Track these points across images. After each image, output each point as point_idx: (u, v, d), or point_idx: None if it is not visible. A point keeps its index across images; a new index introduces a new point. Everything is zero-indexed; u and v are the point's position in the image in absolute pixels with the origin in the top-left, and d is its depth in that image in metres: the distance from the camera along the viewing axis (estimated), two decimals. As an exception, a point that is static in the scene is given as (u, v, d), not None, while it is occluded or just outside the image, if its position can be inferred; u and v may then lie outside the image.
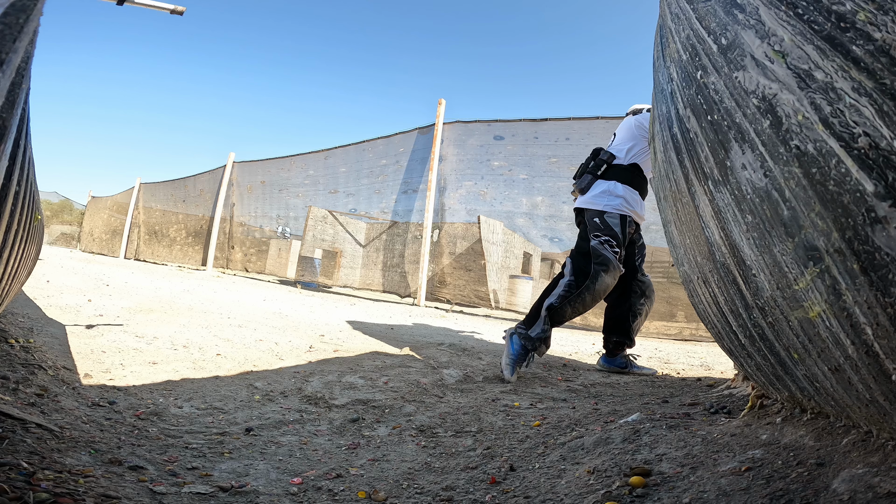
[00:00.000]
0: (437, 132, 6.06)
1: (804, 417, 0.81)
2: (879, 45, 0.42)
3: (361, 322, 3.90)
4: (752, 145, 0.61)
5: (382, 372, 1.96)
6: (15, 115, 0.56)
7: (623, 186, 2.10)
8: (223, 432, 1.20)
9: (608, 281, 1.98)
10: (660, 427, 1.00)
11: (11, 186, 0.77)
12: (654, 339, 3.97)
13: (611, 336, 2.23)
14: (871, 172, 0.43)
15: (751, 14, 0.60)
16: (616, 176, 2.12)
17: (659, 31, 1.15)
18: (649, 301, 2.26)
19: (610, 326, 2.24)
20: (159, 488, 0.80)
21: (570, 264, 2.05)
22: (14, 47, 0.47)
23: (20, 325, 1.96)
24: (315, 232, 7.67)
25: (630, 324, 2.20)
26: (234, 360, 2.05)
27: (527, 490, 0.85)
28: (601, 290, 1.98)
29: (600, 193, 2.11)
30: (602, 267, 1.97)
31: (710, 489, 0.68)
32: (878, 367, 0.51)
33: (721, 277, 0.86)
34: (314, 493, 0.88)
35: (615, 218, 2.05)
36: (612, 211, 2.06)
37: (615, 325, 2.22)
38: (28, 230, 1.32)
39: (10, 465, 0.70)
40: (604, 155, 2.18)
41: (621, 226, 2.04)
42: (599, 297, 2.00)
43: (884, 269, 0.44)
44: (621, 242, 2.03)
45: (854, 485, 0.55)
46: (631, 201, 2.10)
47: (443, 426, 1.35)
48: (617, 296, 2.21)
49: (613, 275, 1.98)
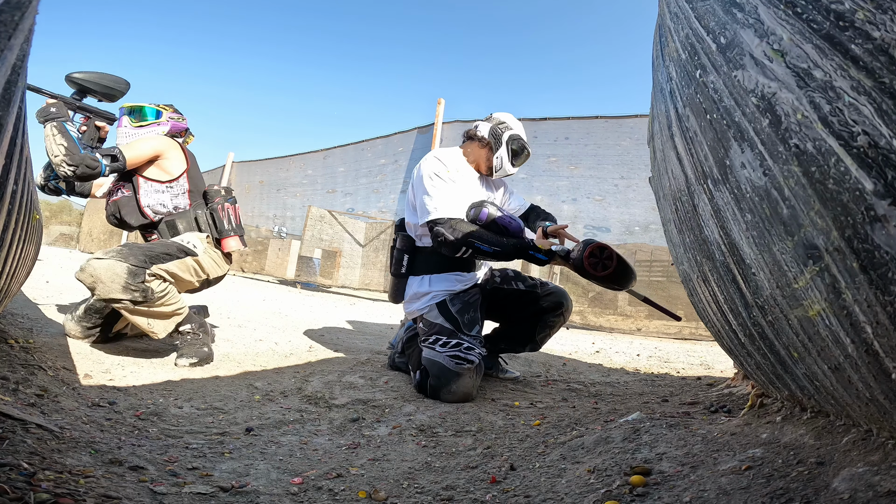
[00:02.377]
0: (436, 131, 6.06)
1: (804, 416, 0.81)
2: (878, 43, 0.42)
3: (361, 322, 3.90)
4: (751, 144, 0.61)
5: (382, 372, 1.96)
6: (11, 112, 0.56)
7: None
8: (223, 432, 1.20)
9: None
10: (660, 426, 1.00)
11: (9, 185, 0.77)
12: (654, 339, 3.98)
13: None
14: (870, 171, 0.43)
15: (750, 13, 0.60)
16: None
17: (658, 31, 1.15)
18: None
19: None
20: (160, 488, 0.80)
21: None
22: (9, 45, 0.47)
23: (20, 326, 1.96)
24: (314, 231, 7.66)
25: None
26: (233, 360, 2.05)
27: (527, 489, 0.85)
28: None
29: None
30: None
31: (711, 488, 0.68)
32: (877, 366, 0.51)
33: (720, 276, 0.86)
34: (315, 492, 0.88)
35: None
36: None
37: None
38: (26, 230, 1.32)
39: (10, 466, 0.70)
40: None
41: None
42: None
43: (883, 267, 0.44)
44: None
45: (854, 483, 0.55)
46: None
47: (443, 426, 1.35)
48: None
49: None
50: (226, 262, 2.12)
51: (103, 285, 1.64)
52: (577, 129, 5.29)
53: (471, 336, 1.70)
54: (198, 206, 2.09)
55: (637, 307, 5.44)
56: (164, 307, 1.80)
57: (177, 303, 1.86)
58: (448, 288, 1.82)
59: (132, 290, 1.68)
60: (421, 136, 6.43)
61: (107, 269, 1.65)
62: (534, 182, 5.49)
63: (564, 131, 5.37)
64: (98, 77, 1.89)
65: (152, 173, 2.00)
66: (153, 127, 2.07)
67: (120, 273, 1.65)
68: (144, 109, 2.07)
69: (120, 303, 1.68)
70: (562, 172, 5.31)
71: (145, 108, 2.07)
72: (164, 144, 2.01)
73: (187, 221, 2.04)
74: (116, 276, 1.65)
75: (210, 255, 2.02)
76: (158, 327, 1.81)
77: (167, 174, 2.02)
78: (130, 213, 1.99)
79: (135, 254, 1.73)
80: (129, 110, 2.06)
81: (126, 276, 1.66)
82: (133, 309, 1.71)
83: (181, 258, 1.88)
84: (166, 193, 2.02)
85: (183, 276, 1.89)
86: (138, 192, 1.98)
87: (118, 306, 1.69)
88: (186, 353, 1.87)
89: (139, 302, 1.70)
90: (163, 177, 2.02)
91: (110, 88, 1.91)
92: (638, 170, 4.83)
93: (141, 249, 1.77)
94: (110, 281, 1.64)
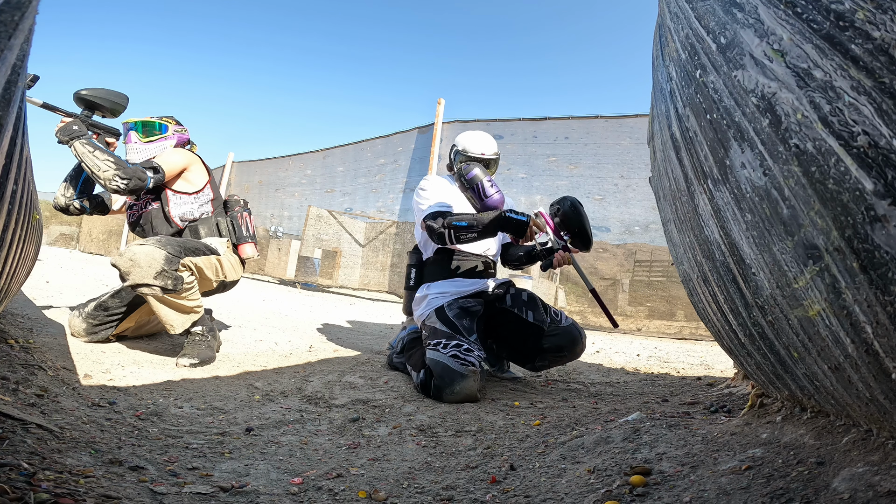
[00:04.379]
0: (436, 131, 6.06)
1: (804, 416, 0.81)
2: (878, 43, 0.42)
3: (361, 322, 3.90)
4: (751, 144, 0.61)
5: (382, 372, 1.96)
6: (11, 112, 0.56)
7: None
8: (223, 432, 1.20)
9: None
10: (660, 426, 1.00)
11: (8, 185, 0.77)
12: (654, 339, 3.98)
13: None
14: (870, 171, 0.43)
15: (750, 13, 0.60)
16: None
17: (658, 31, 1.15)
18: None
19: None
20: (160, 488, 0.80)
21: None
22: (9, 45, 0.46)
23: (20, 326, 1.96)
24: (314, 231, 7.65)
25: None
26: (233, 360, 2.05)
27: (527, 489, 0.85)
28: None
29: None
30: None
31: (711, 488, 0.68)
32: (877, 366, 0.51)
33: (720, 276, 0.86)
34: (314, 492, 0.88)
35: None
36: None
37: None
38: (26, 229, 1.32)
39: (10, 466, 0.70)
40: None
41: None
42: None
43: (883, 267, 0.44)
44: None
45: (854, 483, 0.55)
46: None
47: (443, 425, 1.35)
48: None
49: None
50: (240, 268, 2.19)
51: (140, 269, 1.70)
52: (576, 129, 5.29)
53: (469, 340, 1.71)
54: (219, 213, 2.19)
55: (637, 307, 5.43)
56: (187, 301, 1.85)
57: (198, 299, 1.92)
58: (444, 290, 1.89)
59: (166, 277, 1.74)
60: (421, 136, 6.43)
61: (147, 254, 1.72)
62: (533, 182, 5.49)
63: (564, 131, 5.36)
64: (105, 93, 1.95)
65: (179, 186, 2.10)
66: (161, 141, 2.13)
67: (158, 258, 1.72)
68: (154, 125, 2.13)
69: (151, 288, 1.73)
70: (561, 172, 5.31)
71: (155, 124, 2.13)
72: (190, 158, 2.11)
73: (209, 227, 2.13)
74: (154, 262, 1.72)
75: (229, 259, 2.09)
76: (177, 322, 1.86)
77: (193, 185, 2.12)
78: (161, 224, 2.08)
79: (171, 244, 1.80)
80: (136, 125, 2.11)
81: (163, 262, 1.73)
82: (161, 297, 1.77)
83: (207, 255, 1.96)
84: (194, 203, 2.12)
85: (207, 274, 1.96)
86: (168, 205, 2.07)
87: (148, 292, 1.74)
88: (189, 353, 1.88)
89: (168, 290, 1.76)
90: (189, 188, 2.11)
91: (116, 104, 1.97)
92: (638, 169, 4.83)
93: (176, 241, 1.85)
94: (148, 266, 1.71)
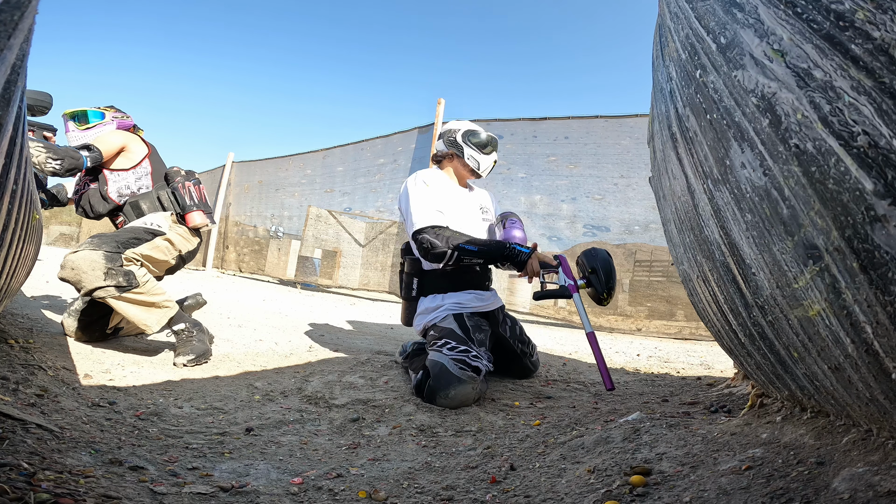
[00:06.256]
0: (436, 131, 6.06)
1: (804, 416, 0.81)
2: (878, 43, 0.42)
3: (361, 322, 3.90)
4: (751, 144, 0.61)
5: (382, 372, 1.96)
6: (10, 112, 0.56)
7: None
8: (223, 432, 1.20)
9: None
10: (660, 426, 1.00)
11: (8, 185, 0.77)
12: (654, 339, 3.98)
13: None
14: (870, 171, 0.43)
15: (750, 13, 0.60)
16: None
17: (658, 31, 1.15)
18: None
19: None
20: (160, 488, 0.80)
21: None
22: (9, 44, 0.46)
23: (20, 326, 1.96)
24: (314, 231, 7.65)
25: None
26: (233, 360, 2.05)
27: (527, 489, 0.85)
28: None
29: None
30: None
31: (711, 488, 0.68)
32: (877, 366, 0.51)
33: (720, 276, 0.86)
34: (314, 492, 0.88)
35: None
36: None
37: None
38: (26, 229, 1.32)
39: (10, 466, 0.70)
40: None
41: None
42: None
43: (883, 267, 0.44)
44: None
45: (854, 483, 0.55)
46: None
47: (443, 425, 1.35)
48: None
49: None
50: (194, 236, 2.19)
51: (86, 275, 1.69)
52: (576, 129, 5.28)
53: (480, 351, 1.64)
54: (160, 187, 2.19)
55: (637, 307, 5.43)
56: (149, 296, 1.83)
57: (162, 293, 1.90)
58: (464, 302, 1.81)
59: (114, 275, 1.73)
60: (421, 136, 6.43)
61: (84, 258, 1.70)
62: (533, 181, 5.49)
63: (564, 130, 5.36)
64: (28, 93, 1.99)
65: (118, 164, 2.12)
66: (99, 128, 2.16)
67: (98, 259, 1.71)
68: (87, 113, 2.17)
69: (106, 290, 1.71)
70: (561, 171, 5.31)
71: (88, 112, 2.17)
72: (128, 138, 2.15)
73: (150, 201, 2.13)
74: (95, 263, 1.70)
75: (177, 232, 2.09)
76: (151, 320, 1.85)
77: (130, 161, 2.15)
78: (98, 202, 2.10)
79: (106, 241, 1.79)
80: (72, 115, 2.15)
81: (105, 261, 1.71)
82: (119, 297, 1.75)
83: (150, 240, 1.95)
84: (131, 177, 2.13)
85: (157, 257, 1.96)
86: (107, 184, 2.09)
87: (104, 295, 1.72)
88: (182, 350, 1.88)
89: (124, 288, 1.75)
90: (126, 164, 2.14)
91: (39, 101, 1.99)
92: (638, 169, 4.82)
93: (110, 237, 1.84)
94: (91, 270, 1.69)
